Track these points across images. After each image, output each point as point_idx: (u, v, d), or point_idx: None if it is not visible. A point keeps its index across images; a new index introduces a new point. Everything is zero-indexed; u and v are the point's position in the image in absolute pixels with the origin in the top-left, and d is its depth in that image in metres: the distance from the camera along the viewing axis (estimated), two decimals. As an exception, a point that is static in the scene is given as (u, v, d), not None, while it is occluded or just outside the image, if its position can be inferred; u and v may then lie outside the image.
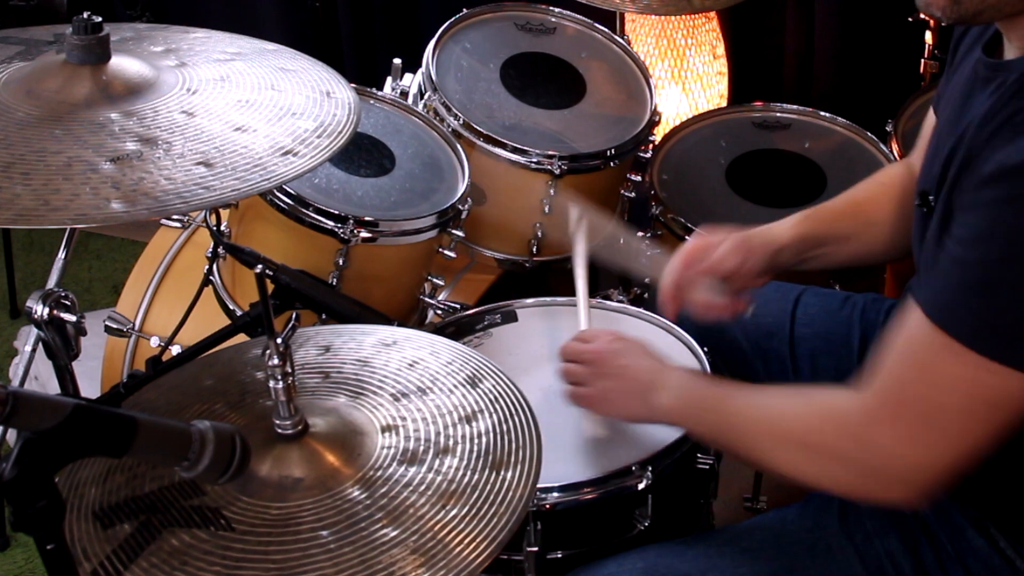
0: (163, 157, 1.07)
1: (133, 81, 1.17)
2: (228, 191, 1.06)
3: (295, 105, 1.22)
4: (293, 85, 1.26)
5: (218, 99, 1.20)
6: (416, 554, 0.99)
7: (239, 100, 1.20)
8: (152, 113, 1.14)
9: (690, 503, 1.52)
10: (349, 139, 1.20)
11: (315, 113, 1.22)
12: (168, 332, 1.76)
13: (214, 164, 1.08)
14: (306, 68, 1.32)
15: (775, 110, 2.23)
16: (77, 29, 1.16)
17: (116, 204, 1.01)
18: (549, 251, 2.12)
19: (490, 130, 1.99)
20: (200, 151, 1.09)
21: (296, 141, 1.15)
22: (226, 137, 1.13)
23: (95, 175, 1.03)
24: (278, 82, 1.26)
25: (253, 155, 1.11)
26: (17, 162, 1.03)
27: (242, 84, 1.23)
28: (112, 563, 1.01)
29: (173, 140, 1.10)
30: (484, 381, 1.20)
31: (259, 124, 1.16)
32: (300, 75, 1.30)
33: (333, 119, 1.22)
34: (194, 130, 1.13)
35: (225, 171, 1.07)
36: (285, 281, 1.56)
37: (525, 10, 2.24)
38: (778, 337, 1.66)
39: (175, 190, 1.04)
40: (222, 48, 1.31)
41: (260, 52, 1.33)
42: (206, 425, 0.99)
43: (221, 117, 1.16)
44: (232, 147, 1.11)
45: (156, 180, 1.04)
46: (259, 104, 1.20)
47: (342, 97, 1.27)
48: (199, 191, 1.05)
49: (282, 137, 1.15)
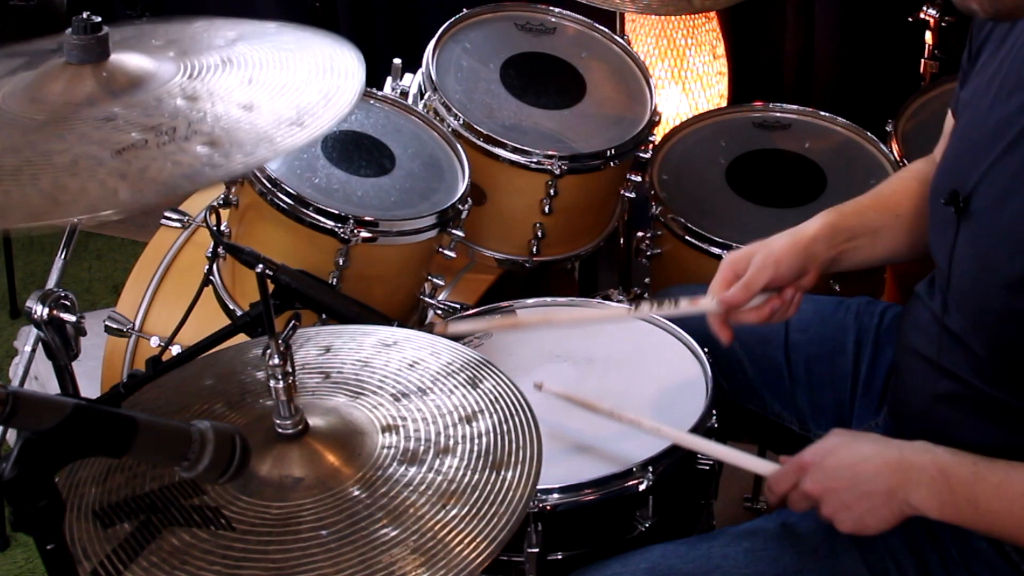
0: (168, 142, 1.07)
1: (134, 73, 1.18)
2: (236, 165, 1.06)
3: (299, 79, 1.22)
4: (297, 60, 1.26)
5: (221, 81, 1.19)
6: (416, 554, 0.99)
7: (242, 80, 1.20)
8: (155, 102, 1.14)
9: (691, 504, 1.52)
10: (354, 105, 1.20)
11: (319, 85, 1.22)
12: (168, 332, 1.76)
13: (219, 142, 1.08)
14: (308, 40, 1.31)
15: (775, 110, 2.23)
16: (77, 29, 1.16)
17: (124, 193, 1.01)
18: (549, 251, 2.12)
19: (490, 130, 1.99)
20: (205, 132, 1.09)
21: (301, 112, 1.15)
22: (231, 116, 1.13)
23: (101, 168, 1.03)
24: (283, 59, 1.26)
25: (259, 130, 1.11)
26: (25, 166, 1.04)
27: (245, 64, 1.23)
28: (112, 563, 1.01)
29: (177, 125, 1.10)
30: (484, 381, 1.20)
31: (263, 101, 1.16)
32: (302, 50, 1.29)
33: (336, 90, 1.21)
34: (197, 113, 1.13)
35: (232, 147, 1.07)
36: (285, 281, 1.56)
37: (525, 10, 2.24)
38: (773, 344, 1.65)
39: (181, 172, 1.04)
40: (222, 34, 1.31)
41: (260, 33, 1.32)
42: (206, 425, 0.99)
43: (225, 98, 1.16)
44: (237, 125, 1.11)
45: (162, 166, 1.04)
46: (263, 82, 1.20)
47: (345, 68, 1.26)
48: (205, 169, 1.04)
49: (287, 110, 1.15)
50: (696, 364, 1.59)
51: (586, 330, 1.68)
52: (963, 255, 1.30)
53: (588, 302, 1.74)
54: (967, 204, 1.28)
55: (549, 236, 2.08)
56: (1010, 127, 1.24)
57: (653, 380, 1.57)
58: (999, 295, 1.24)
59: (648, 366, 1.60)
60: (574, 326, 1.68)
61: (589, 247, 2.18)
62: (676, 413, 1.45)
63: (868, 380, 1.60)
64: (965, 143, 1.34)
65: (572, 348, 1.63)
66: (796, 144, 2.16)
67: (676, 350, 1.62)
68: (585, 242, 2.17)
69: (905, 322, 1.49)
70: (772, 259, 1.46)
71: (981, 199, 1.27)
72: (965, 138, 1.34)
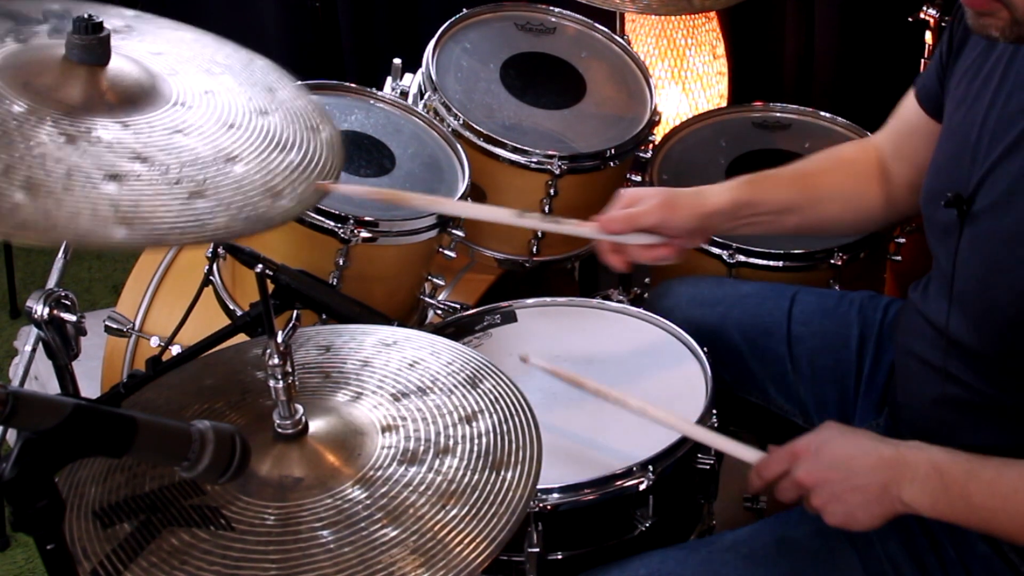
0: (159, 181, 1.07)
1: (130, 89, 1.17)
2: (222, 230, 1.07)
3: (283, 136, 1.21)
4: (281, 114, 1.25)
5: (208, 117, 1.19)
6: (416, 554, 0.99)
7: (227, 124, 1.19)
8: (148, 128, 1.13)
9: (690, 503, 1.52)
10: (335, 179, 1.21)
11: (302, 148, 1.21)
12: (168, 332, 1.76)
13: (208, 197, 1.08)
14: (293, 96, 1.31)
15: (775, 110, 2.23)
16: (77, 28, 1.15)
17: (116, 229, 1.01)
18: (549, 251, 2.12)
19: (490, 130, 1.99)
20: (195, 179, 1.09)
21: (285, 181, 1.15)
22: (219, 167, 1.12)
23: (94, 191, 1.03)
24: (267, 104, 1.25)
25: (245, 192, 1.11)
26: (17, 164, 1.03)
27: (231, 105, 1.22)
28: (112, 562, 1.01)
29: (169, 162, 1.10)
30: (484, 381, 1.20)
31: (248, 154, 1.16)
32: (288, 101, 1.29)
33: (318, 156, 1.22)
34: (188, 153, 1.12)
35: (218, 207, 1.07)
36: (285, 281, 1.56)
37: (525, 10, 2.24)
38: (775, 337, 1.65)
39: (172, 220, 1.04)
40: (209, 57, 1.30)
41: (247, 66, 1.31)
42: (206, 425, 0.99)
43: (212, 141, 1.16)
44: (224, 179, 1.11)
45: (153, 207, 1.04)
46: (246, 129, 1.20)
47: (326, 135, 1.26)
48: (191, 226, 1.05)
49: (271, 176, 1.15)
50: (696, 364, 1.58)
51: (586, 330, 1.68)
52: (968, 258, 1.28)
53: (588, 302, 1.75)
54: (970, 206, 1.27)
55: (549, 236, 2.08)
56: (1012, 127, 1.24)
57: (653, 380, 1.57)
58: (1006, 297, 1.23)
59: (648, 366, 1.60)
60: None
61: (589, 247, 2.18)
62: (676, 413, 1.45)
63: (871, 378, 1.60)
64: (961, 143, 1.33)
65: (572, 348, 1.63)
66: (796, 144, 2.16)
67: (676, 350, 1.62)
68: (585, 242, 2.17)
69: (902, 326, 1.49)
70: (667, 208, 1.48)
71: (984, 200, 1.26)
72: (960, 138, 1.33)
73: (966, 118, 1.32)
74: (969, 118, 1.32)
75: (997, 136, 1.25)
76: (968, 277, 1.29)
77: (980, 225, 1.26)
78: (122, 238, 1.00)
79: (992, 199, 1.25)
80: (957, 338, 1.31)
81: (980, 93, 1.31)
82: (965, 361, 1.31)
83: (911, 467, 1.23)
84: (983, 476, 1.21)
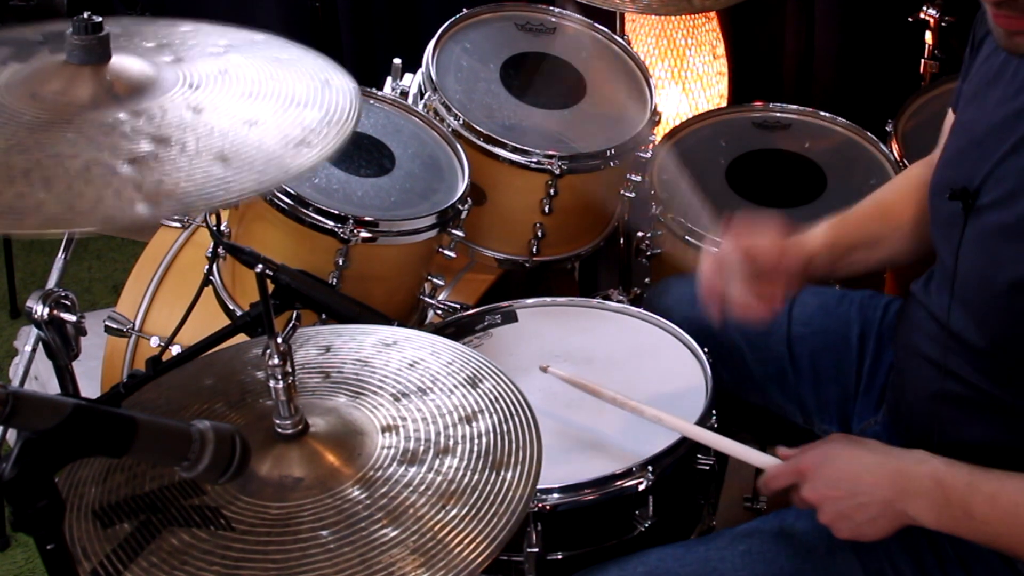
0: (179, 157, 1.07)
1: (136, 80, 1.17)
2: (249, 186, 1.06)
3: (298, 95, 1.22)
4: (291, 74, 1.26)
5: (222, 93, 1.20)
6: (416, 554, 0.99)
7: (243, 92, 1.20)
8: (160, 111, 1.14)
9: (690, 504, 1.52)
10: (356, 125, 1.20)
11: (319, 101, 1.22)
12: (168, 332, 1.76)
13: (230, 160, 1.08)
14: (300, 57, 1.32)
15: (775, 110, 2.23)
16: (77, 29, 1.16)
17: (140, 206, 1.01)
18: (549, 251, 2.12)
19: (490, 130, 1.99)
20: (215, 148, 1.09)
21: (306, 131, 1.15)
22: (237, 132, 1.13)
23: (115, 177, 1.03)
24: (276, 72, 1.26)
25: (268, 149, 1.11)
26: (35, 167, 1.04)
27: (242, 77, 1.23)
28: (112, 562, 1.01)
29: (186, 138, 1.10)
30: (484, 381, 1.20)
31: (267, 116, 1.17)
32: (295, 64, 1.30)
33: (337, 107, 1.22)
34: (204, 127, 1.13)
35: (242, 166, 1.07)
36: (285, 281, 1.56)
37: (525, 10, 2.24)
38: (775, 337, 1.65)
39: (196, 191, 1.04)
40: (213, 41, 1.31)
41: (250, 43, 1.32)
42: (206, 425, 0.99)
43: (229, 112, 1.16)
44: (245, 142, 1.11)
45: (176, 181, 1.04)
46: (263, 95, 1.20)
47: (341, 85, 1.27)
48: (218, 191, 1.05)
49: (292, 128, 1.15)
50: (696, 364, 1.59)
51: (586, 330, 1.68)
52: (970, 251, 1.29)
53: (588, 302, 1.75)
54: (975, 199, 1.27)
55: (549, 236, 2.08)
56: (1020, 123, 1.24)
57: (653, 380, 1.57)
58: (1006, 292, 1.24)
59: (648, 366, 1.60)
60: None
61: (589, 247, 2.18)
62: (676, 413, 1.45)
63: (871, 377, 1.60)
64: (970, 138, 1.33)
65: (572, 348, 1.64)
66: (796, 144, 2.16)
67: (676, 350, 1.62)
68: (585, 242, 2.17)
69: (903, 322, 1.49)
70: (782, 249, 1.46)
71: (989, 195, 1.26)
72: (969, 133, 1.33)
73: (976, 113, 1.33)
74: (979, 113, 1.32)
75: (1005, 131, 1.25)
76: (970, 271, 1.29)
77: (984, 219, 1.27)
78: (149, 214, 1.00)
79: (997, 194, 1.25)
80: (957, 332, 1.31)
81: (991, 88, 1.31)
82: (964, 356, 1.31)
83: (914, 481, 1.25)
84: (984, 489, 1.22)
